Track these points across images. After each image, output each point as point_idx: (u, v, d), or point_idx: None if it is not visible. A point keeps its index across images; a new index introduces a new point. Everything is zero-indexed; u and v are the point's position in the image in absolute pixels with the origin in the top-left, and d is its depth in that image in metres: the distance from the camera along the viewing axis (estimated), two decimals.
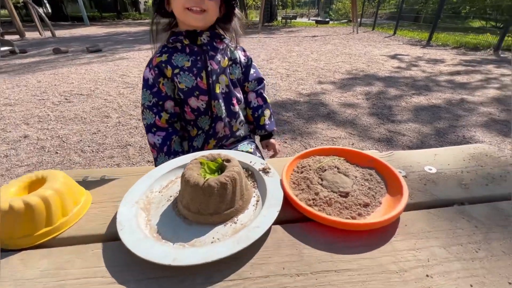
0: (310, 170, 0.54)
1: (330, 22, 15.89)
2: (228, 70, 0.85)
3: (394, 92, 3.21)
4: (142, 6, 33.94)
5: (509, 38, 6.17)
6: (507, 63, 4.47)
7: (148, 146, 0.95)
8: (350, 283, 0.34)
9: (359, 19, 12.48)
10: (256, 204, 0.49)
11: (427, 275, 0.35)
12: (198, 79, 0.79)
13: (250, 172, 0.57)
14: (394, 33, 9.79)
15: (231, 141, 0.92)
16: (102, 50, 6.89)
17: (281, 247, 0.40)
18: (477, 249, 0.38)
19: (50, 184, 0.47)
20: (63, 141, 2.24)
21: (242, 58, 0.90)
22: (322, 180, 0.51)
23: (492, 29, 8.55)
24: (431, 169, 0.56)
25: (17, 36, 9.73)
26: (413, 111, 2.65)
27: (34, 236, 0.43)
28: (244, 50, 0.93)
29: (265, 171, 0.54)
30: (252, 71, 0.94)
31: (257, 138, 1.02)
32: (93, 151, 2.09)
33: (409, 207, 0.46)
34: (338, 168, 0.53)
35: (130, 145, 2.17)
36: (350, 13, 13.27)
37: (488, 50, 5.87)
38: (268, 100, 0.98)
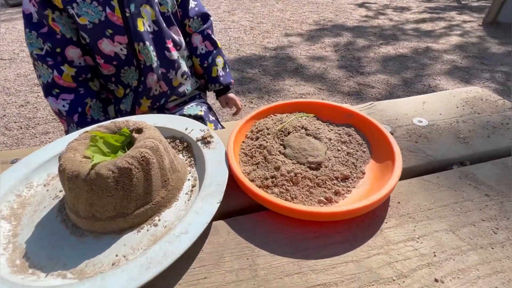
0: (269, 134, 0.38)
1: None
2: (155, 0, 0.61)
3: (363, 43, 3.07)
4: None
5: None
6: (468, 9, 4.48)
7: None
8: (349, 280, 0.22)
9: None
10: (191, 191, 0.33)
11: (436, 280, 0.23)
12: (108, 10, 0.55)
13: (186, 144, 0.40)
14: None
15: (175, 102, 0.72)
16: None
17: (224, 258, 0.26)
18: (494, 228, 0.27)
19: None
20: None
21: None
22: (284, 147, 0.37)
23: None
24: (421, 121, 0.44)
25: None
26: (382, 62, 2.57)
27: None
28: None
29: (206, 140, 0.38)
30: (192, 3, 0.72)
31: (210, 96, 0.83)
32: (21, 127, 1.73)
33: (403, 176, 0.34)
34: (306, 129, 0.39)
35: None
36: None
37: None
38: (219, 45, 0.77)
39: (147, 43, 0.60)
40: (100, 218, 0.28)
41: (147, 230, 0.29)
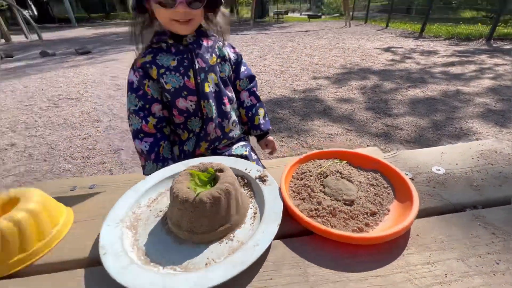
0: (311, 176, 0.50)
1: (322, 16, 15.82)
2: (217, 68, 0.81)
3: (390, 85, 3.19)
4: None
5: (501, 28, 6.20)
6: (500, 52, 4.48)
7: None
8: None
9: (351, 13, 12.44)
10: (254, 216, 0.45)
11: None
12: (186, 78, 0.75)
13: (246, 181, 0.52)
14: (387, 26, 9.79)
15: (225, 144, 0.88)
16: (91, 51, 6.74)
17: (283, 266, 0.36)
18: (497, 260, 0.35)
19: (23, 204, 0.42)
20: (52, 148, 2.16)
21: (232, 56, 0.86)
22: (324, 187, 0.47)
23: (483, 19, 8.58)
24: (439, 170, 0.53)
25: (2, 41, 9.50)
26: (410, 104, 2.63)
27: (7, 264, 0.39)
28: (233, 47, 0.89)
29: (262, 179, 0.50)
30: (243, 68, 0.90)
31: (252, 139, 0.98)
32: (83, 157, 2.02)
33: (419, 214, 0.43)
34: (340, 173, 0.50)
35: (122, 149, 2.11)
36: (342, 7, 13.22)
37: (480, 40, 5.89)
38: (261, 99, 0.94)
39: (210, 100, 0.78)
40: (196, 232, 0.40)
41: (226, 243, 0.40)
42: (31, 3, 21.19)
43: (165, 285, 0.33)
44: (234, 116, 0.87)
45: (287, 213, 0.43)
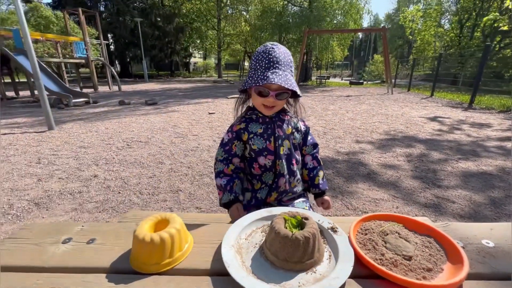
0: (374, 232, 0.63)
1: (364, 82, 16.55)
2: (291, 136, 1.04)
3: (438, 155, 3.15)
4: (191, 67, 39.22)
5: None
6: None
7: (201, 196, 1.13)
8: None
9: (393, 80, 12.88)
10: (329, 258, 0.59)
11: None
12: (268, 142, 0.99)
13: (320, 230, 0.67)
14: (432, 94, 9.84)
15: (289, 197, 1.06)
16: (158, 103, 7.96)
17: None
18: None
19: (172, 224, 0.63)
20: (125, 183, 2.55)
21: (302, 127, 1.10)
22: (385, 242, 0.60)
23: None
24: (488, 243, 0.62)
25: (92, 90, 11.74)
26: (461, 177, 2.56)
27: (161, 264, 0.58)
28: (303, 121, 1.13)
29: (334, 229, 0.65)
30: (309, 137, 1.13)
31: (310, 196, 1.14)
32: (149, 194, 2.34)
33: (470, 277, 0.52)
34: (399, 233, 0.62)
35: (181, 190, 2.39)
36: (384, 74, 13.81)
37: None
38: (322, 163, 1.13)
39: (283, 160, 1.00)
40: (289, 261, 0.55)
41: (311, 274, 0.54)
42: (117, 62, 26.32)
43: None
44: (298, 175, 1.07)
45: (357, 258, 0.56)
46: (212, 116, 5.81)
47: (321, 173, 1.11)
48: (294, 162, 1.04)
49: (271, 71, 0.89)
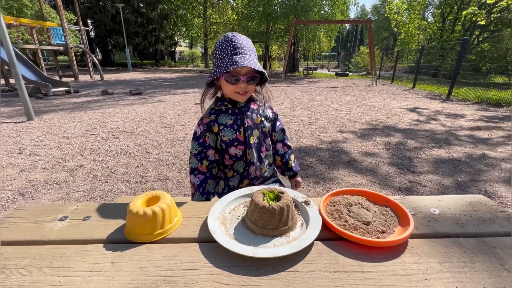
0: (340, 204, 0.73)
1: (350, 74, 16.81)
2: (260, 125, 1.10)
3: (414, 144, 3.35)
4: (177, 56, 38.16)
5: None
6: None
7: (189, 184, 1.21)
8: (371, 279, 0.51)
9: (377, 72, 13.18)
10: (302, 226, 0.68)
11: (425, 279, 0.51)
12: (237, 133, 1.04)
13: (296, 204, 0.77)
14: (413, 86, 10.19)
15: (260, 181, 1.16)
16: (143, 93, 7.79)
17: (322, 255, 0.58)
18: (463, 266, 0.54)
19: (163, 200, 0.70)
20: (112, 172, 2.56)
21: (270, 115, 1.16)
22: (349, 212, 0.70)
23: None
24: (435, 211, 0.73)
25: (72, 79, 11.28)
26: (433, 163, 2.75)
27: (153, 234, 0.65)
28: (271, 108, 1.18)
29: (306, 203, 0.74)
30: (278, 123, 1.20)
31: (284, 178, 1.25)
32: (137, 182, 2.37)
33: (416, 236, 0.63)
34: (361, 204, 0.72)
35: (169, 179, 2.44)
36: (369, 66, 14.09)
37: (511, 107, 5.94)
38: (292, 146, 1.24)
39: (253, 149, 1.07)
40: (266, 228, 0.64)
41: (285, 238, 0.63)
42: (98, 50, 25.18)
43: (254, 252, 0.56)
44: (267, 161, 1.16)
45: (324, 225, 0.66)
46: (198, 107, 5.78)
47: (292, 156, 1.21)
48: (264, 149, 1.12)
49: (238, 56, 0.89)
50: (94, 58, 11.72)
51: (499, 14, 13.07)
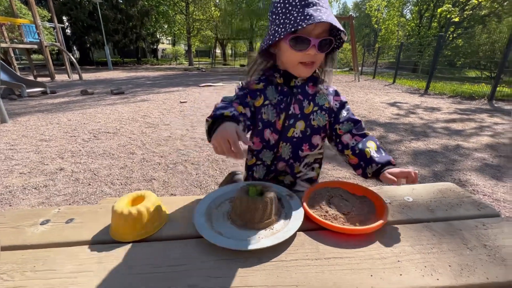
0: (322, 196, 0.76)
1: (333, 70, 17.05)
2: (310, 117, 0.84)
3: (394, 137, 3.48)
4: (160, 54, 37.30)
5: (505, 88, 6.63)
6: (500, 112, 4.79)
7: (176, 183, 1.08)
8: (349, 264, 0.55)
9: (360, 68, 13.50)
10: (285, 218, 0.71)
11: (398, 261, 0.55)
12: (277, 118, 0.82)
13: (279, 198, 0.79)
14: (394, 81, 10.53)
15: (290, 181, 0.94)
16: (125, 92, 7.58)
17: (304, 244, 0.61)
18: (432, 247, 0.59)
19: (148, 199, 0.70)
20: (95, 174, 2.50)
21: (332, 103, 0.86)
22: (330, 203, 0.74)
23: (486, 80, 9.16)
24: (409, 199, 0.78)
25: (48, 78, 10.76)
26: (412, 155, 2.88)
27: (139, 233, 0.66)
28: (337, 94, 0.89)
29: (290, 196, 0.77)
30: (344, 113, 0.86)
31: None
32: (121, 184, 2.33)
33: (391, 223, 0.68)
34: (341, 196, 0.76)
35: (154, 179, 2.41)
36: (352, 62, 14.40)
37: (483, 99, 6.29)
38: (369, 134, 0.84)
39: (289, 144, 0.85)
40: (251, 222, 0.66)
41: (269, 230, 0.66)
42: (75, 48, 24.13)
43: (239, 245, 0.58)
44: (307, 160, 0.91)
45: (307, 217, 0.69)
46: (184, 105, 5.72)
47: (371, 144, 0.79)
48: (305, 147, 0.86)
49: (312, 8, 0.65)
50: (71, 57, 11.21)
51: (471, 12, 13.72)
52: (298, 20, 0.65)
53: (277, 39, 0.69)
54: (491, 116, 4.51)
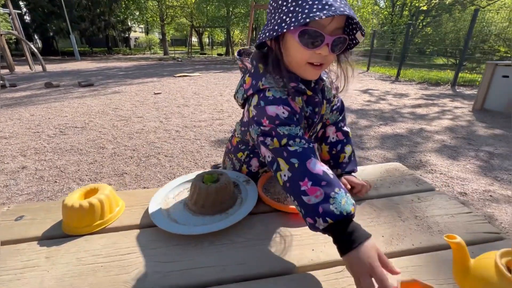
0: (276, 182, 0.80)
1: None
2: (325, 116, 0.78)
3: (365, 123, 3.64)
4: (132, 43, 35.39)
5: (467, 74, 7.08)
6: (461, 97, 5.14)
7: (149, 176, 1.04)
8: (294, 241, 0.59)
9: None
10: (241, 202, 0.73)
11: None
12: (307, 130, 0.73)
13: (237, 184, 0.82)
14: (367, 69, 10.86)
15: None
16: (94, 84, 7.17)
17: (256, 225, 0.65)
18: (371, 221, 0.64)
19: (101, 191, 0.70)
20: (62, 171, 2.39)
21: (333, 93, 0.79)
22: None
23: (452, 67, 9.71)
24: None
25: (6, 70, 9.90)
26: (380, 139, 3.04)
27: (92, 226, 0.65)
28: (337, 89, 0.80)
29: (247, 182, 0.80)
30: (336, 102, 0.82)
31: None
32: (91, 179, 2.25)
33: None
34: None
35: (126, 173, 2.35)
36: None
37: (447, 85, 6.68)
38: (350, 134, 0.85)
39: None
40: (205, 207, 0.68)
41: (224, 215, 0.68)
42: (37, 37, 22.24)
43: (190, 230, 0.60)
44: None
45: (260, 200, 0.72)
46: (158, 97, 5.54)
47: (348, 149, 0.82)
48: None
49: None
50: (32, 46, 10.34)
51: (438, 0, 14.29)
52: (314, 10, 0.50)
53: (285, 30, 0.54)
54: (452, 101, 4.83)
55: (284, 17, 0.55)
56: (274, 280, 0.50)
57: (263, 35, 0.60)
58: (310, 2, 0.52)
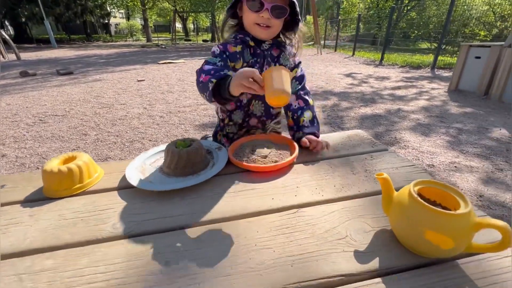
0: (247, 146, 0.87)
1: None
2: None
3: (346, 105, 3.74)
4: (113, 29, 33.81)
5: (447, 58, 7.27)
6: (438, 79, 5.33)
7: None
8: (257, 193, 0.66)
9: (322, 42, 13.69)
10: (212, 166, 0.80)
11: (297, 187, 0.68)
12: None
13: (210, 151, 0.88)
14: (353, 54, 10.93)
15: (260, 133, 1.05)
16: (74, 72, 6.92)
17: (224, 183, 0.72)
18: (326, 175, 0.72)
19: (80, 158, 0.74)
20: (43, 158, 2.37)
21: (291, 62, 0.95)
22: (253, 151, 0.84)
23: (434, 50, 9.92)
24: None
25: None
26: (360, 119, 3.15)
27: (72, 189, 0.70)
28: (294, 55, 0.96)
29: (219, 149, 0.86)
30: (299, 71, 0.97)
31: None
32: None
33: (303, 162, 0.80)
34: (264, 145, 0.87)
35: (110, 157, 2.36)
36: (314, 36, 14.51)
37: (427, 68, 6.87)
38: (311, 103, 0.97)
39: (261, 101, 0.95)
40: (178, 169, 0.74)
41: (196, 176, 0.74)
42: (7, 23, 20.85)
43: (163, 187, 0.66)
44: (278, 118, 1.07)
45: (229, 162, 0.79)
46: (141, 84, 5.43)
47: (308, 114, 0.93)
48: None
49: None
50: (4, 33, 9.74)
51: None
52: None
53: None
54: (430, 82, 5.01)
55: None
56: (237, 222, 0.58)
57: (229, 5, 0.85)
58: None
